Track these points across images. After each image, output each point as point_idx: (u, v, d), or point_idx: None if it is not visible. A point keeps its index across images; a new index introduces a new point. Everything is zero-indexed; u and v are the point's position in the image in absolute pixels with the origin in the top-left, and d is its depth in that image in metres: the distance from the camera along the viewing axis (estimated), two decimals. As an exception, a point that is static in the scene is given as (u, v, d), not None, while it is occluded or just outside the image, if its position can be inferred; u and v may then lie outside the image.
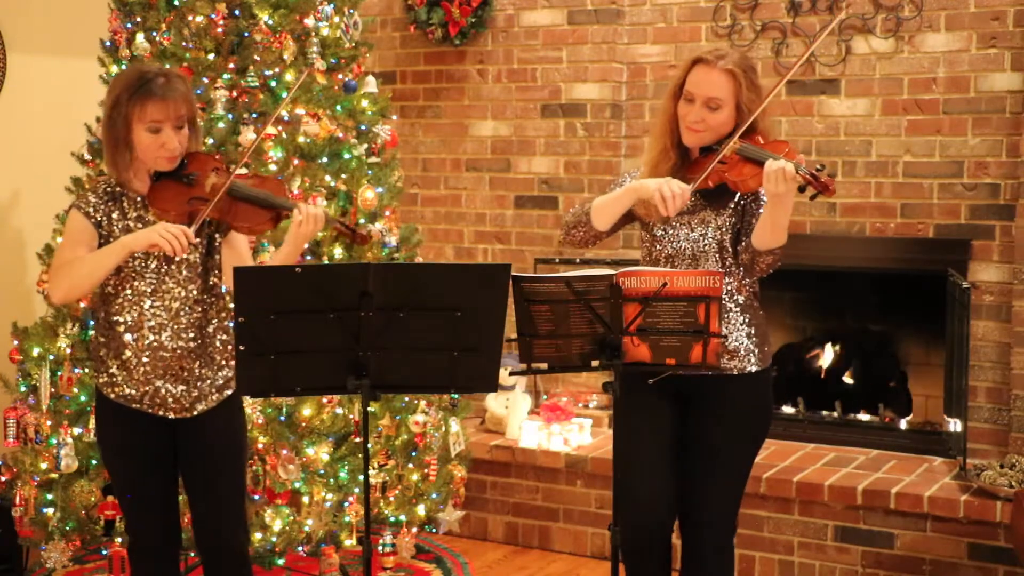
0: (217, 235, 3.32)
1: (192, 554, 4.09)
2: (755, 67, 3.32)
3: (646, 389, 3.25)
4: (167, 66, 4.24)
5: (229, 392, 3.33)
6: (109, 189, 3.25)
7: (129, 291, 3.20)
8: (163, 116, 3.15)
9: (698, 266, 3.28)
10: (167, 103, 3.15)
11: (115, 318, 3.22)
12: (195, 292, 3.24)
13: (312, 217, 3.23)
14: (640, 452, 3.29)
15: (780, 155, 3.11)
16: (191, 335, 3.24)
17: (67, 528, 4.21)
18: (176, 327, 3.22)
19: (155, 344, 3.20)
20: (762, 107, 3.23)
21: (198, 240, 3.23)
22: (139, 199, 3.24)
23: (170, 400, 3.24)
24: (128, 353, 3.21)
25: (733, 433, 3.31)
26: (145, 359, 3.21)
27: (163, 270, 3.21)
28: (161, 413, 3.26)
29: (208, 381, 3.29)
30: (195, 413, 3.29)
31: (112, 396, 3.26)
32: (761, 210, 3.23)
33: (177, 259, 3.19)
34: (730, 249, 3.28)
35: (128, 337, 3.20)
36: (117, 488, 3.42)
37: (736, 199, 3.29)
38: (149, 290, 3.20)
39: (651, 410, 3.30)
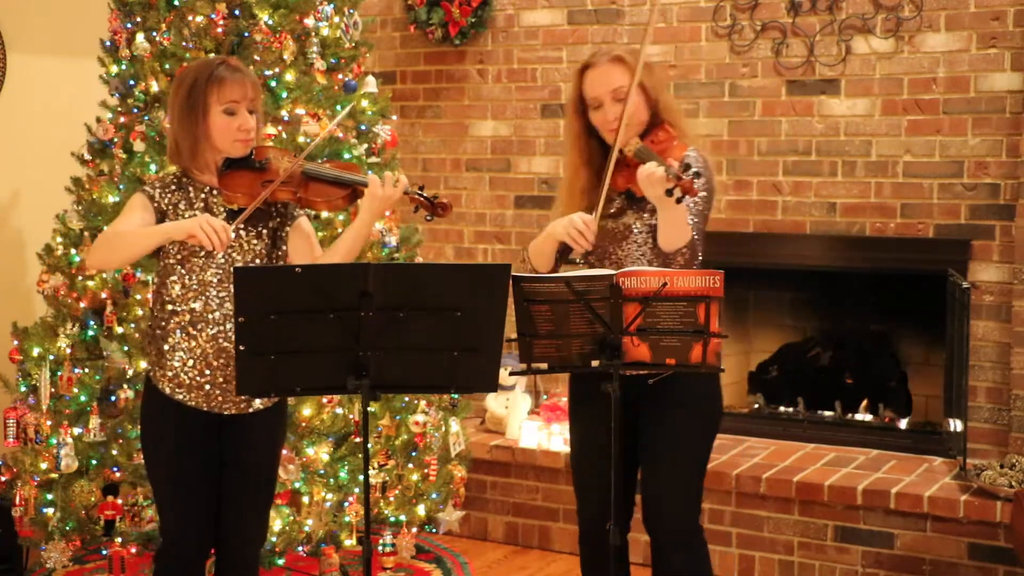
0: (286, 225, 3.31)
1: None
2: (635, 52, 3.27)
3: (594, 389, 3.13)
4: (167, 66, 4.28)
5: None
6: (175, 179, 3.25)
7: (196, 282, 3.17)
8: (240, 96, 3.18)
9: (623, 267, 3.24)
10: (244, 83, 3.19)
11: (179, 307, 3.18)
12: None
13: (391, 179, 3.22)
14: (583, 450, 3.35)
15: (670, 149, 3.10)
16: None
17: (67, 528, 4.21)
18: None
19: (219, 335, 3.17)
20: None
21: (260, 231, 3.21)
22: (206, 189, 3.23)
23: (229, 391, 3.19)
24: (191, 343, 3.17)
25: (680, 425, 3.28)
26: (209, 350, 3.17)
27: (230, 261, 3.18)
28: (216, 410, 3.21)
29: None
30: (250, 410, 3.25)
31: (167, 390, 3.21)
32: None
33: (217, 255, 3.14)
34: (654, 247, 3.24)
35: (192, 328, 3.17)
36: (156, 487, 3.32)
37: None
38: (215, 280, 3.18)
39: (597, 408, 3.20)
